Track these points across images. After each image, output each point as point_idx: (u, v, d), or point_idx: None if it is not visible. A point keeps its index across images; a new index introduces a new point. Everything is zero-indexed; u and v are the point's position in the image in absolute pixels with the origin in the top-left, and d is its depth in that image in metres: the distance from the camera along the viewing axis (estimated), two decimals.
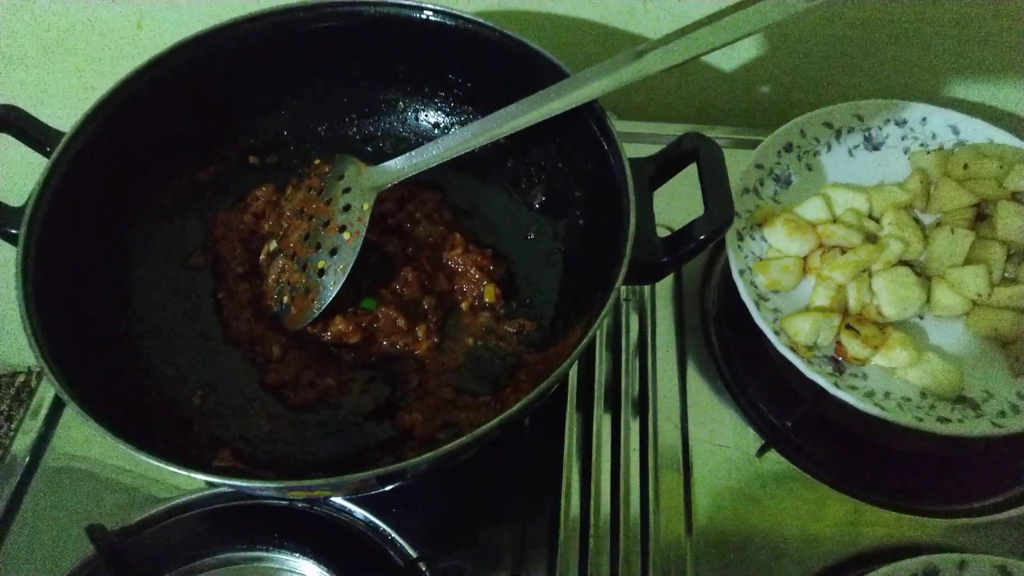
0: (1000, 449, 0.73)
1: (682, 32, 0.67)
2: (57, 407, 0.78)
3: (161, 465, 0.54)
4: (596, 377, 0.79)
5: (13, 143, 0.70)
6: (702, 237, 0.63)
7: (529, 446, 0.75)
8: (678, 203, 0.88)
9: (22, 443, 0.77)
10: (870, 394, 0.70)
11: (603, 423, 0.77)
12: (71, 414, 0.76)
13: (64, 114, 0.96)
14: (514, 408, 0.55)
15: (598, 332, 0.70)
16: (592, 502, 0.72)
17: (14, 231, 0.64)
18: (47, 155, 0.68)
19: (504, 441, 0.62)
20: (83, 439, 0.76)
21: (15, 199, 0.67)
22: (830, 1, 0.65)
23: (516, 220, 0.80)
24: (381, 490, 0.66)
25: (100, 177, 0.70)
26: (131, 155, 0.73)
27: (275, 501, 0.70)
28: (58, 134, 0.69)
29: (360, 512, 0.69)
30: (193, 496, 0.71)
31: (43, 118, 0.71)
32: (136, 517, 0.71)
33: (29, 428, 0.77)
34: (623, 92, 0.68)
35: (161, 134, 0.75)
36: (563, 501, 0.71)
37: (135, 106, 0.72)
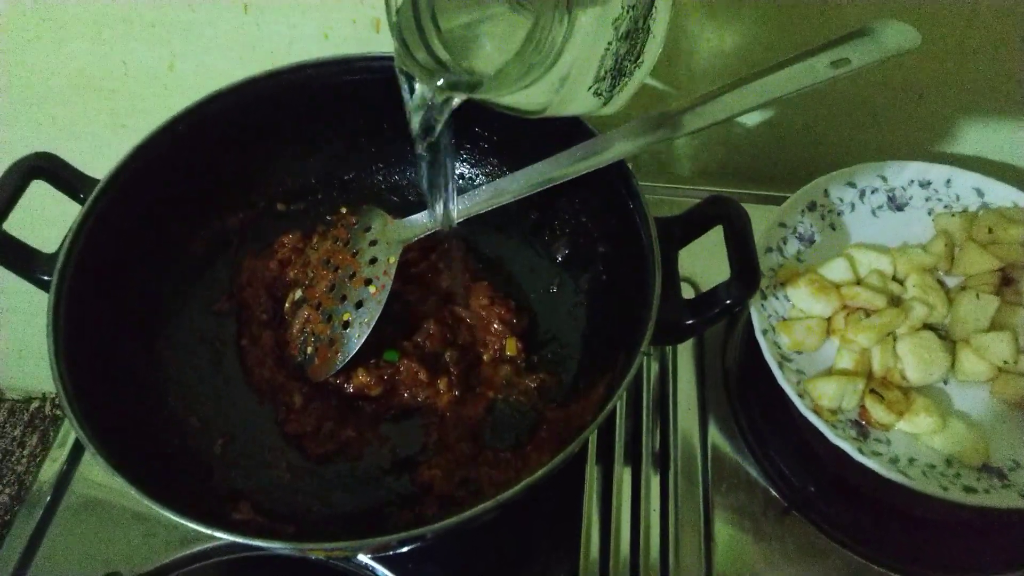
0: None
1: (709, 96, 0.68)
2: (80, 445, 0.78)
3: (181, 521, 0.54)
4: (616, 431, 0.79)
5: (47, 189, 0.71)
6: (728, 302, 0.62)
7: (549, 500, 0.75)
8: (701, 256, 0.88)
9: (45, 478, 0.77)
10: (894, 460, 0.69)
11: (623, 477, 0.76)
12: None
13: (95, 150, 0.98)
14: (538, 473, 0.55)
15: None
16: (612, 559, 0.71)
17: (47, 278, 0.65)
18: (80, 202, 0.69)
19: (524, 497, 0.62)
20: (104, 479, 0.77)
21: (48, 245, 0.68)
22: (855, 70, 0.66)
23: (539, 273, 0.81)
24: (400, 550, 0.66)
25: (131, 224, 0.71)
26: (162, 203, 0.74)
27: (294, 553, 0.70)
28: (92, 181, 0.70)
29: (380, 568, 0.69)
30: (212, 544, 0.71)
31: (74, 154, 0.73)
32: (154, 563, 0.71)
33: (54, 459, 0.78)
34: None
35: (192, 182, 0.76)
36: (582, 558, 0.71)
37: (168, 155, 0.73)
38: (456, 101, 0.54)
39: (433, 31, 0.52)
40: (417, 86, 0.56)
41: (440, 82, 0.52)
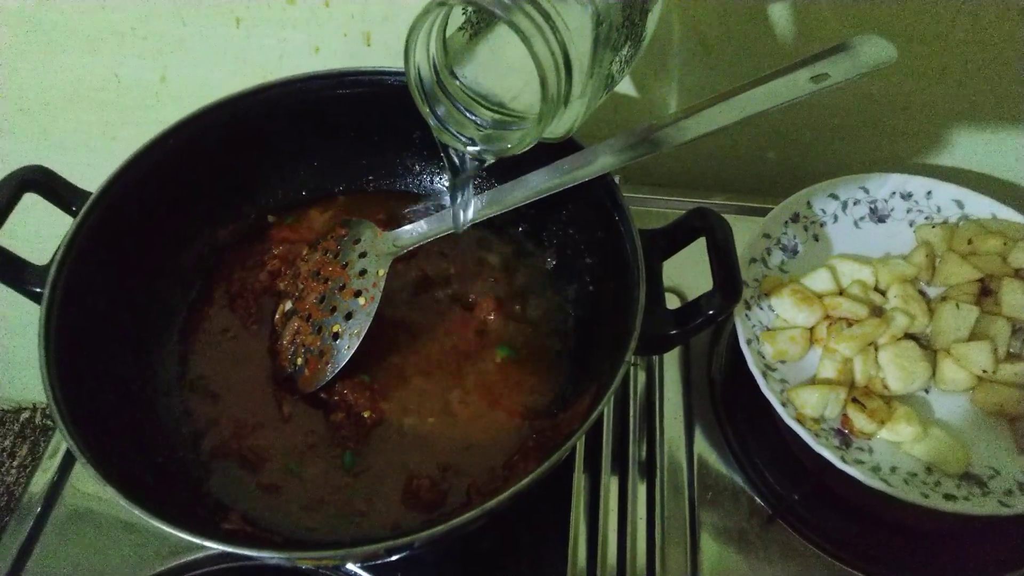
0: (1010, 526, 0.72)
1: (693, 110, 0.69)
2: (71, 455, 0.79)
3: (172, 531, 0.54)
4: (603, 439, 0.80)
5: (39, 202, 0.72)
6: (711, 312, 0.64)
7: (536, 508, 0.75)
8: (687, 265, 0.90)
9: (36, 488, 0.77)
10: (876, 468, 0.70)
11: (610, 486, 0.77)
12: None
13: (87, 161, 0.99)
14: (525, 481, 0.56)
15: None
16: (599, 566, 0.72)
17: (38, 290, 0.65)
18: (73, 214, 0.70)
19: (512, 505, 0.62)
20: (94, 490, 0.77)
21: (40, 258, 0.69)
22: (835, 84, 0.67)
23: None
24: (388, 559, 0.67)
25: (123, 237, 0.72)
26: (154, 216, 0.75)
27: (284, 562, 0.70)
28: (84, 194, 0.71)
29: None
30: (202, 554, 0.71)
31: (66, 165, 0.73)
32: (145, 574, 0.71)
33: (45, 469, 0.78)
34: None
35: (184, 195, 0.77)
36: (570, 565, 0.71)
37: (159, 168, 0.73)
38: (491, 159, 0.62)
39: (469, 100, 0.59)
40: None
41: (478, 149, 0.61)
